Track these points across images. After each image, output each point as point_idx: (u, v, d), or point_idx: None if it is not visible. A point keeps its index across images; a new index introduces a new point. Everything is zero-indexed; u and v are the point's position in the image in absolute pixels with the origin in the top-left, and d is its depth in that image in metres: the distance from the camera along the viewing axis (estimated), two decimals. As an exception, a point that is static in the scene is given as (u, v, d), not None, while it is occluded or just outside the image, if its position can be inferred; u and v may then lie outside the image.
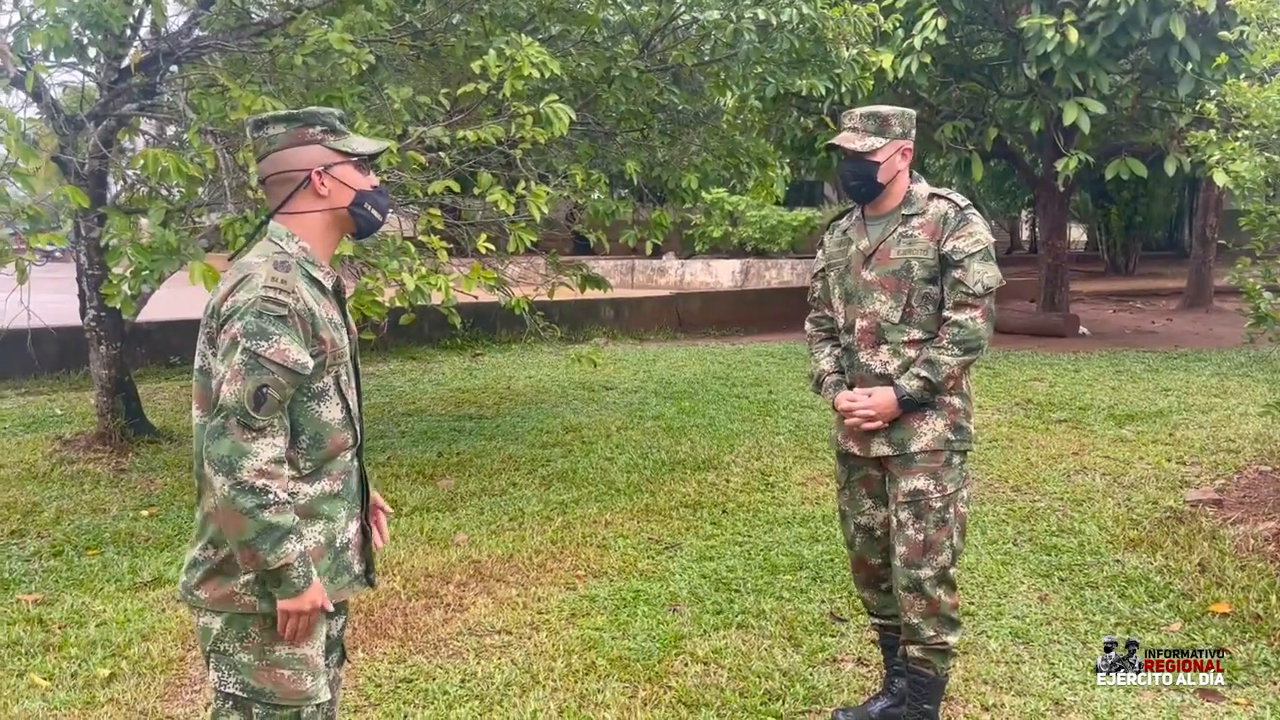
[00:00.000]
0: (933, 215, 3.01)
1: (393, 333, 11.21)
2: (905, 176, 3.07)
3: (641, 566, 4.66)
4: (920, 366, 2.95)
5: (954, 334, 2.92)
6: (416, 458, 6.54)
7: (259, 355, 1.99)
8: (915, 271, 2.99)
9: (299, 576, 2.04)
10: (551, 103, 4.80)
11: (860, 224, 3.14)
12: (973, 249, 2.93)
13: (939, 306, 3.00)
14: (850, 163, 3.04)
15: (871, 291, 3.05)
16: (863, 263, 3.08)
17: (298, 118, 2.20)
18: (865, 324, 3.07)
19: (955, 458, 3.03)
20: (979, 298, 2.92)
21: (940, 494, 3.00)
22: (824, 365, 3.25)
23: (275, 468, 2.01)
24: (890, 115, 3.02)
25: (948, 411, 3.02)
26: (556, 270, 7.08)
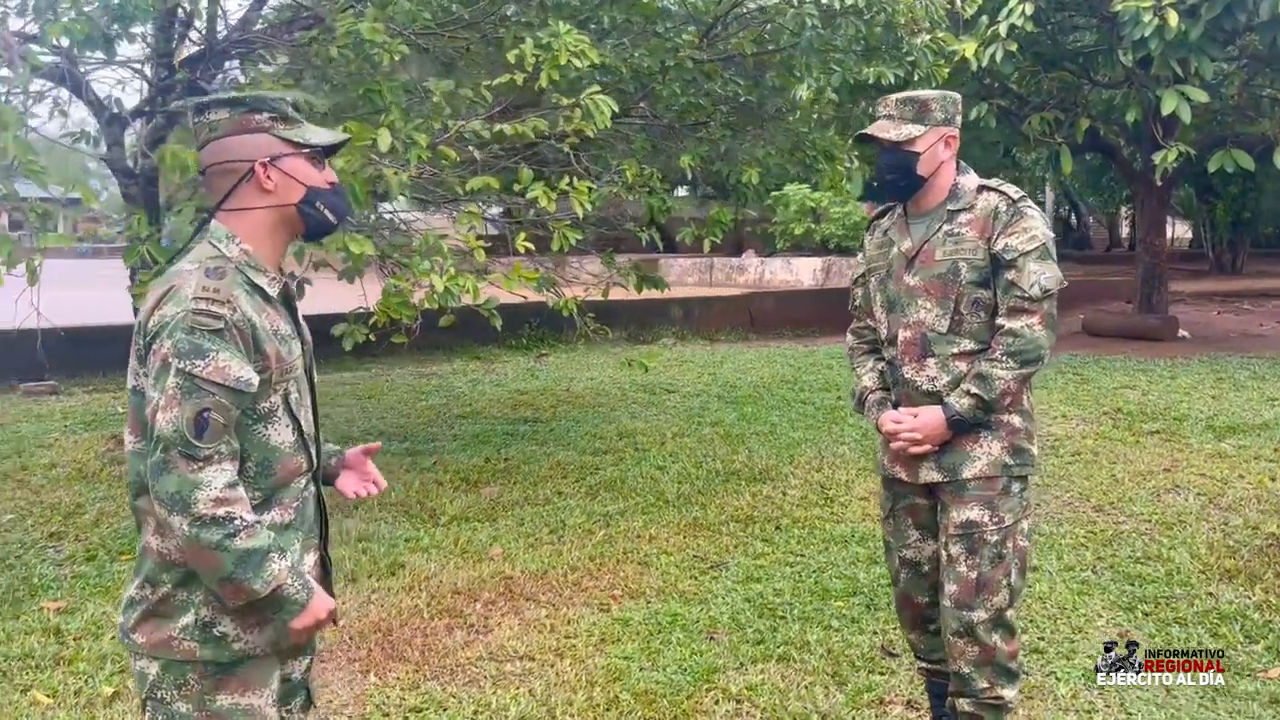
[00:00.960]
0: (982, 210, 2.66)
1: (457, 333, 11.11)
2: (950, 168, 2.72)
3: (682, 587, 4.37)
4: (971, 382, 2.60)
5: (1008, 344, 2.57)
6: (463, 463, 6.35)
7: (194, 376, 1.75)
8: (963, 274, 2.64)
9: (297, 592, 1.85)
10: (593, 94, 4.53)
11: (902, 222, 2.80)
12: (1028, 246, 2.58)
13: (992, 313, 2.64)
14: (886, 154, 2.70)
15: (915, 298, 2.71)
16: (905, 266, 2.74)
17: (242, 101, 1.96)
18: (909, 335, 2.73)
19: (1014, 484, 2.68)
20: (1036, 302, 2.57)
21: (996, 526, 2.65)
22: (866, 381, 2.92)
23: (232, 492, 1.78)
24: (930, 100, 2.68)
25: (1005, 432, 2.67)
26: (612, 270, 6.80)
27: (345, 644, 3.78)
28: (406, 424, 7.66)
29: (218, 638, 1.87)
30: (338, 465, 2.24)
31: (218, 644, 1.87)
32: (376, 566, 4.55)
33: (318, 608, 1.88)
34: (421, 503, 5.52)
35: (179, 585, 1.86)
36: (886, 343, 2.83)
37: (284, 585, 1.82)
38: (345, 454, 2.26)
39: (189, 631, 1.86)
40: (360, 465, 2.24)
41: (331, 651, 3.73)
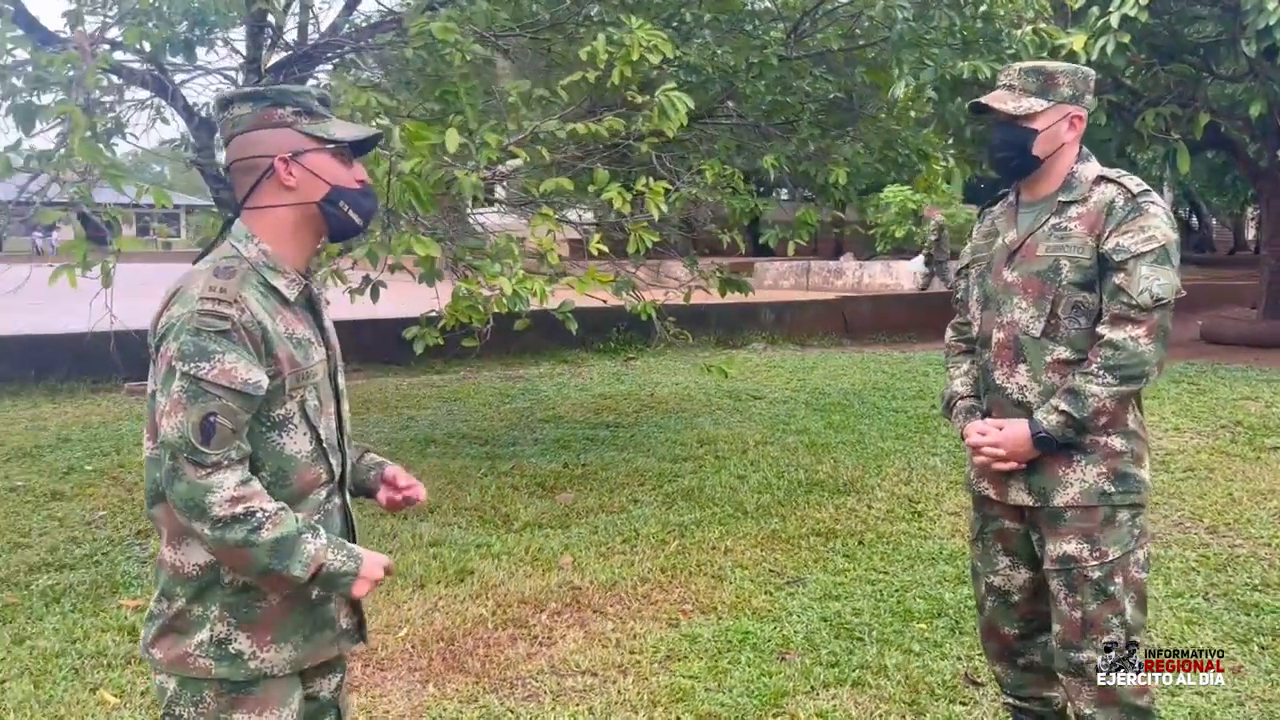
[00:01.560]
0: (1096, 203, 2.39)
1: (544, 336, 11.11)
2: (1071, 152, 2.45)
3: (756, 603, 4.19)
4: (1062, 398, 2.35)
5: (1107, 357, 2.31)
6: (540, 468, 6.28)
7: (200, 380, 1.68)
8: (1064, 273, 2.38)
9: (343, 563, 1.79)
10: (667, 91, 4.39)
11: (1011, 211, 2.56)
12: (1142, 247, 2.31)
13: (1094, 320, 2.38)
14: (1001, 129, 2.47)
15: (1012, 296, 2.46)
16: (1006, 259, 2.49)
17: (265, 95, 1.88)
18: (1002, 336, 2.49)
19: (1121, 514, 2.40)
20: (1145, 311, 2.29)
21: (1098, 560, 2.38)
22: (956, 385, 2.68)
23: (247, 488, 1.71)
24: (1058, 72, 2.42)
25: (1103, 456, 2.40)
26: (694, 273, 6.66)
27: (407, 652, 3.72)
28: (489, 427, 7.64)
29: (233, 655, 1.80)
30: (376, 480, 2.15)
31: (233, 662, 1.80)
32: (445, 573, 4.50)
33: (371, 571, 1.83)
34: (496, 507, 5.46)
35: (193, 600, 1.80)
36: (980, 343, 2.60)
37: (327, 563, 1.75)
38: (386, 470, 2.15)
39: (204, 648, 1.79)
40: (394, 480, 2.14)
41: (393, 659, 3.67)
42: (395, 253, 3.83)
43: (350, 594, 1.83)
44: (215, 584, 1.79)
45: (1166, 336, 2.34)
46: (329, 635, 1.94)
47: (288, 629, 1.84)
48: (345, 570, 1.79)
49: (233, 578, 1.79)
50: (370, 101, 4.38)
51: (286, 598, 1.84)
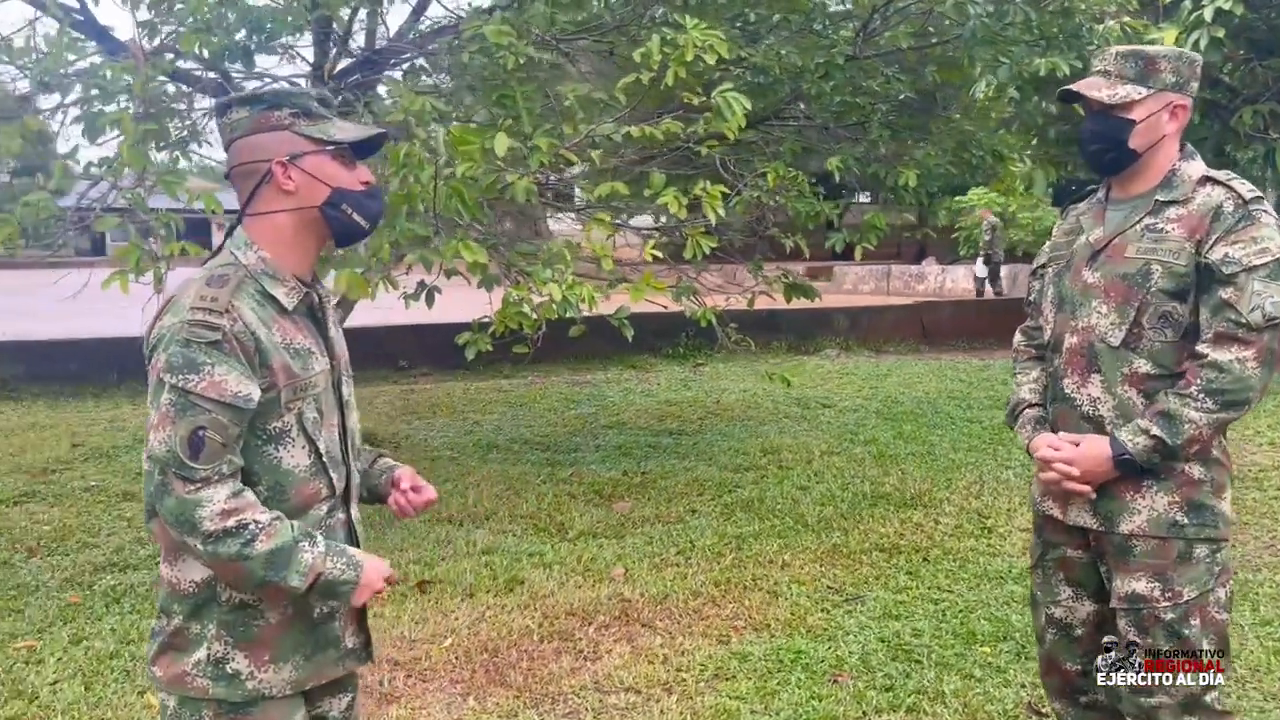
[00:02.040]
0: (1200, 206, 2.17)
1: (613, 341, 11.04)
2: (1173, 146, 2.24)
3: (811, 621, 4.04)
4: (1154, 420, 2.13)
5: (1210, 380, 2.08)
6: (600, 476, 6.20)
7: (188, 392, 1.63)
8: (1155, 279, 2.16)
9: (343, 570, 1.73)
10: (724, 92, 4.28)
11: (1099, 208, 2.35)
12: (1255, 260, 2.07)
13: (1182, 334, 2.16)
14: (1094, 119, 2.26)
15: (1091, 298, 2.25)
16: (1088, 259, 2.29)
17: (262, 99, 1.82)
18: (1076, 342, 2.28)
19: (1198, 549, 2.18)
20: (1255, 331, 2.06)
21: (1171, 601, 2.18)
22: (1024, 393, 2.48)
23: (238, 500, 1.66)
24: (1160, 56, 2.21)
25: (1177, 483, 2.18)
26: (758, 278, 6.53)
27: (450, 663, 3.67)
28: (551, 433, 7.60)
29: (230, 675, 1.75)
30: (387, 484, 2.08)
31: (230, 682, 1.75)
32: (495, 581, 4.44)
33: (372, 578, 1.77)
34: (551, 515, 5.39)
35: (190, 617, 1.75)
36: (1050, 348, 2.39)
37: (326, 571, 1.70)
38: (396, 472, 2.08)
39: (201, 668, 1.74)
40: (399, 482, 2.06)
41: (435, 670, 3.62)
42: (445, 258, 3.79)
43: (351, 602, 1.77)
44: (212, 601, 1.74)
45: (1275, 360, 2.11)
46: (332, 655, 1.88)
47: (287, 648, 1.78)
48: (345, 579, 1.73)
49: (229, 595, 1.73)
50: (424, 106, 4.35)
51: (285, 616, 1.78)
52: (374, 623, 3.97)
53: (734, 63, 6.44)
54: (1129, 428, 2.17)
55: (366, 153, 1.96)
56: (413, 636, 3.90)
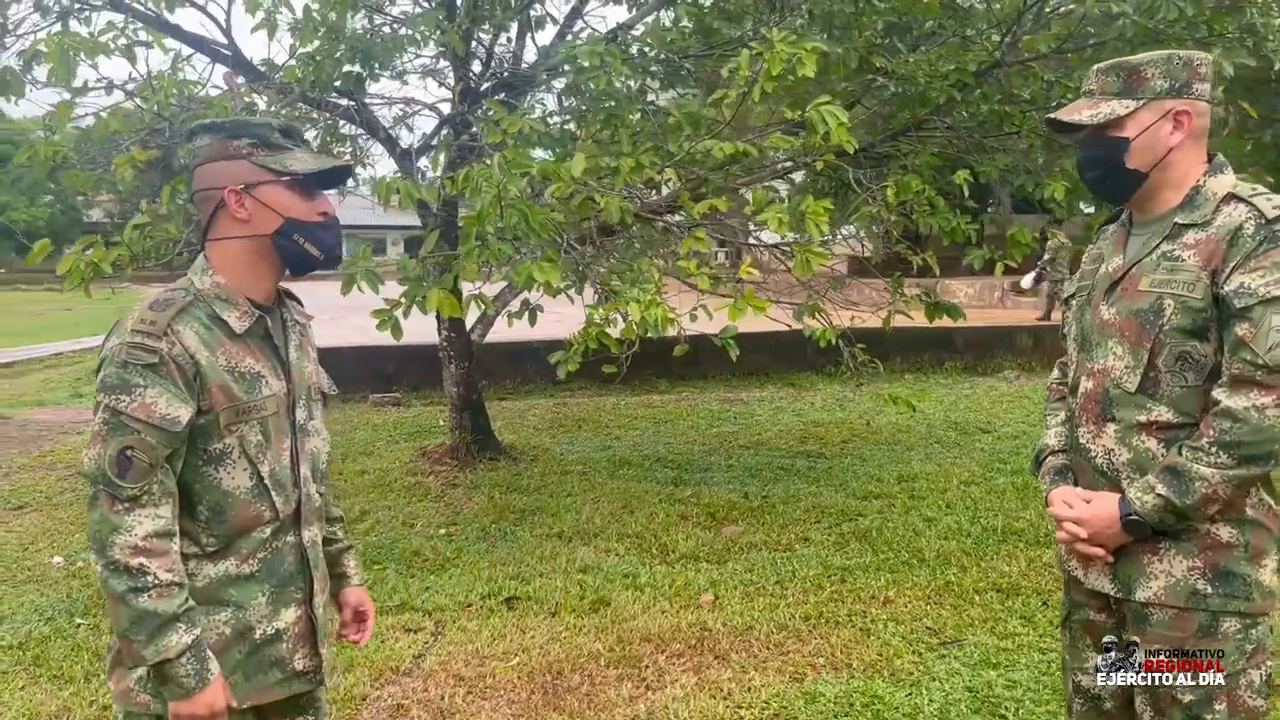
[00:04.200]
0: (1220, 228, 1.86)
1: (776, 358, 10.89)
2: (1189, 158, 1.93)
3: (899, 664, 3.80)
4: (1160, 477, 1.87)
5: (1223, 430, 1.79)
6: (718, 497, 6.08)
7: (120, 412, 1.70)
8: (1168, 316, 1.87)
9: (187, 675, 1.71)
10: (821, 105, 4.10)
11: (1123, 232, 2.07)
12: (1275, 291, 1.77)
13: (1206, 376, 1.87)
14: (1086, 144, 2.01)
15: (1107, 338, 1.98)
16: (1105, 291, 2.02)
17: (223, 127, 1.88)
18: (1091, 386, 2.02)
19: (1227, 623, 1.88)
20: (1275, 373, 1.76)
21: (1193, 681, 1.90)
22: (1049, 439, 2.22)
23: (157, 543, 1.70)
24: (1143, 64, 1.92)
25: (1200, 546, 1.89)
26: (897, 296, 6.24)
27: (512, 683, 3.68)
28: (687, 450, 7.53)
29: None
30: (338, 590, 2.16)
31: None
32: (582, 601, 4.43)
33: (205, 700, 1.72)
34: (658, 536, 5.33)
35: None
36: (1070, 391, 2.13)
37: (173, 663, 1.69)
38: (345, 590, 2.17)
39: (143, 683, 1.79)
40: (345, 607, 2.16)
41: (496, 689, 3.64)
42: (520, 278, 3.83)
43: (170, 708, 1.73)
44: None
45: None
46: (276, 675, 1.90)
47: (224, 668, 1.81)
48: (182, 683, 1.70)
49: None
50: (525, 127, 4.42)
51: (224, 637, 1.82)
52: (456, 635, 4.06)
53: (880, 73, 6.23)
54: (1139, 484, 1.90)
55: (332, 184, 2.00)
56: (486, 652, 3.94)
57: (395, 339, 4.56)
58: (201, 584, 1.80)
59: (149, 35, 4.27)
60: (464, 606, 4.44)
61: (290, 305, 2.01)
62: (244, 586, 1.85)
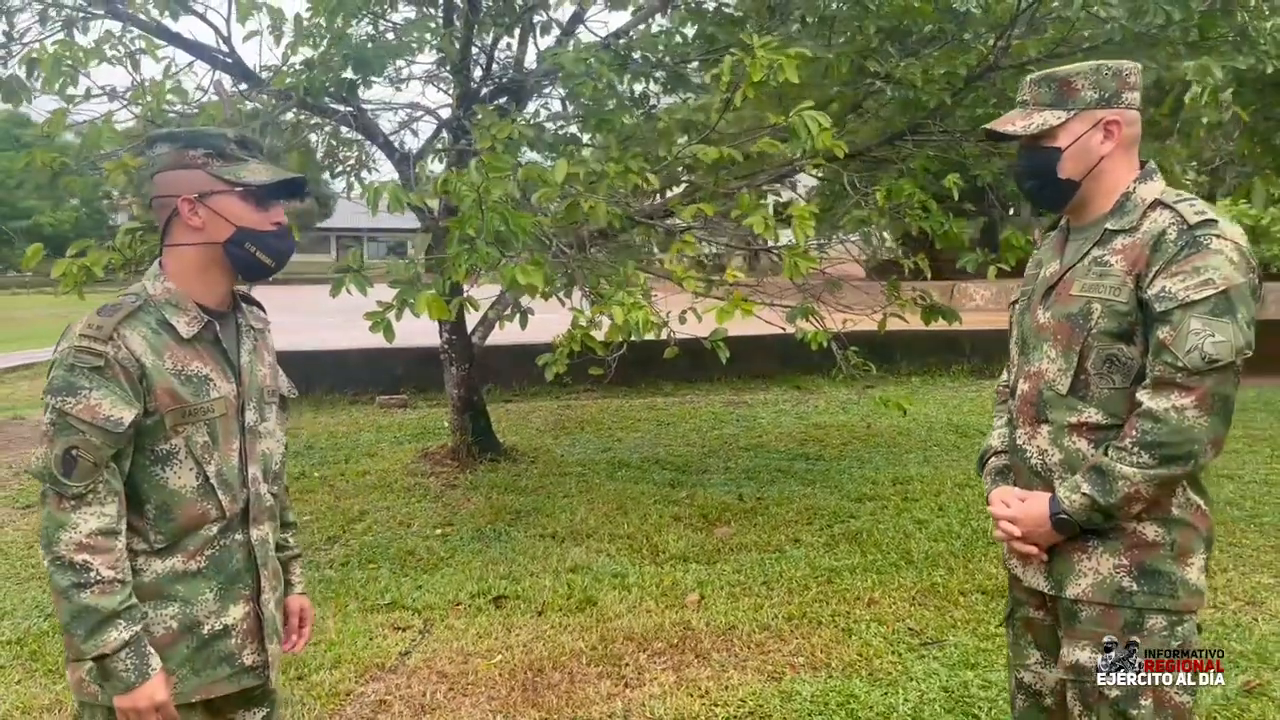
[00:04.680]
0: (1145, 234, 1.91)
1: (782, 361, 10.91)
2: (1120, 166, 1.98)
3: (877, 664, 3.83)
4: (1086, 477, 1.92)
5: (1145, 431, 1.84)
6: (713, 499, 6.13)
7: (66, 414, 1.77)
8: (1095, 320, 1.93)
9: (126, 670, 1.78)
10: (804, 110, 4.15)
11: (1059, 237, 2.14)
12: (1194, 294, 1.82)
13: (1133, 379, 1.92)
14: (1021, 153, 2.07)
15: (1042, 341, 2.05)
16: (1042, 296, 2.08)
17: (180, 137, 1.95)
18: (1027, 389, 2.08)
19: (1153, 620, 1.93)
20: (1195, 375, 1.81)
21: (1115, 679, 1.94)
22: (992, 439, 2.30)
23: (102, 540, 1.77)
24: (1074, 75, 1.97)
25: (1127, 545, 1.94)
26: (893, 300, 6.26)
27: (494, 680, 3.74)
28: (687, 453, 7.58)
29: None
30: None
31: None
32: (569, 600, 4.49)
33: (145, 695, 1.79)
34: (649, 537, 5.38)
35: None
36: (1010, 392, 2.20)
37: (111, 658, 1.76)
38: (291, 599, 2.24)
39: (93, 675, 1.85)
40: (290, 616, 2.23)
41: (477, 685, 3.70)
42: (504, 281, 3.89)
43: (114, 703, 1.79)
44: None
45: (1226, 407, 1.83)
46: (225, 670, 1.96)
47: (172, 661, 1.87)
48: (120, 678, 1.77)
49: None
50: (513, 133, 4.49)
51: (171, 632, 1.88)
52: (443, 633, 4.13)
53: (877, 77, 6.26)
54: (1067, 484, 1.96)
55: (289, 195, 2.06)
56: (471, 650, 4.01)
57: (388, 341, 4.62)
58: (149, 579, 1.87)
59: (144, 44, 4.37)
60: (453, 605, 4.50)
61: (247, 310, 2.08)
62: (191, 583, 1.91)
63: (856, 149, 6.50)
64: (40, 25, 4.79)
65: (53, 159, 4.25)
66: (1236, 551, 5.02)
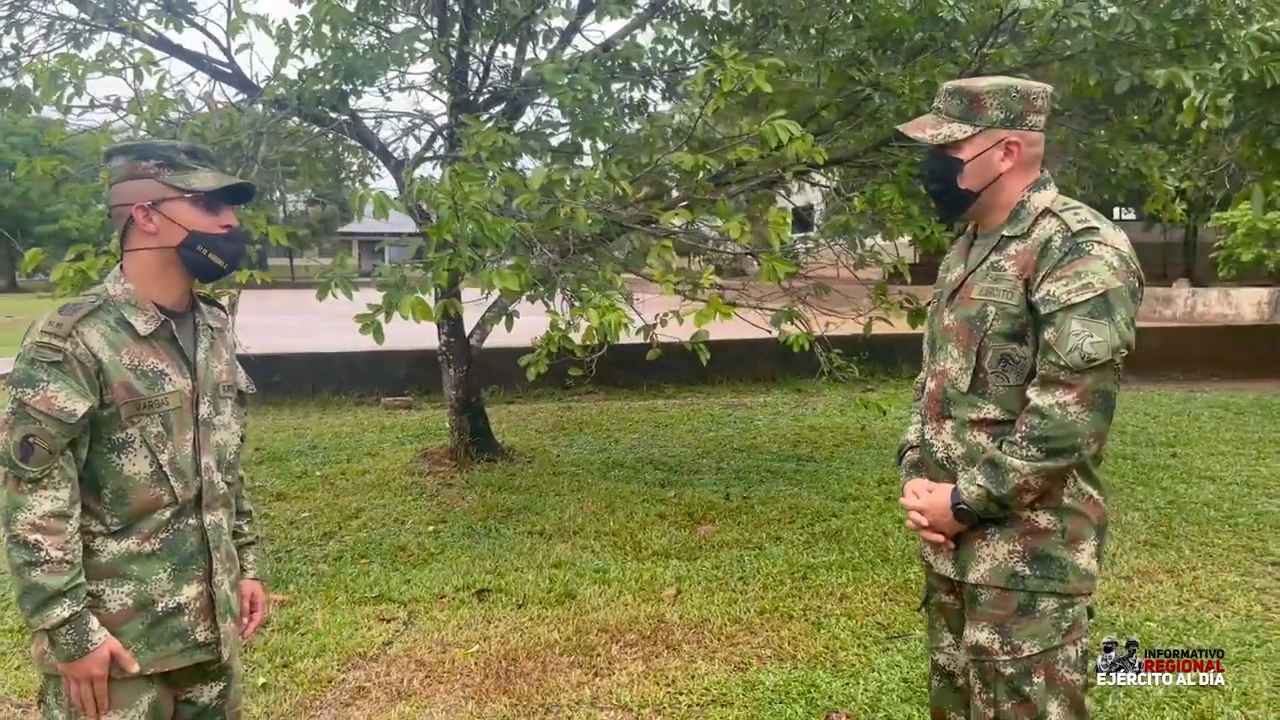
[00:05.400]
0: (1034, 241, 2.04)
1: (782, 364, 11.00)
2: (1016, 181, 2.11)
3: (842, 656, 3.95)
4: (982, 469, 2.05)
5: (1032, 426, 1.97)
6: (699, 498, 6.25)
7: (24, 404, 1.93)
8: (991, 321, 2.06)
9: (68, 643, 1.93)
10: (775, 119, 4.27)
11: (966, 242, 2.27)
12: (1075, 297, 1.94)
13: (1026, 377, 2.05)
14: (929, 157, 2.20)
15: (947, 341, 2.18)
16: (947, 299, 2.22)
17: (133, 149, 2.11)
18: (933, 386, 2.23)
19: (1044, 602, 2.06)
20: (1076, 373, 1.93)
21: (1010, 655, 2.07)
22: (909, 434, 2.43)
23: (53, 522, 1.92)
24: (985, 93, 2.08)
25: (1020, 532, 2.07)
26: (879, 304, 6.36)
27: (469, 669, 3.88)
28: (681, 454, 7.71)
29: None
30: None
31: None
32: (549, 594, 4.62)
33: (85, 667, 1.95)
34: (633, 534, 5.52)
35: None
36: (920, 390, 2.35)
37: (54, 632, 1.91)
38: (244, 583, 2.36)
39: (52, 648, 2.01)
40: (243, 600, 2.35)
41: (453, 673, 3.84)
42: (482, 284, 4.04)
43: (65, 670, 1.96)
44: None
45: (1107, 403, 1.96)
46: (178, 646, 2.09)
47: (126, 636, 2.02)
48: (63, 649, 1.93)
49: None
50: (499, 141, 4.64)
51: (126, 608, 2.03)
52: (426, 624, 4.27)
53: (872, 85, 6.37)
54: (965, 476, 2.09)
55: (239, 200, 2.22)
56: (450, 640, 4.15)
57: (378, 342, 4.76)
58: (105, 559, 2.02)
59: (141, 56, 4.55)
60: (438, 598, 4.65)
61: (206, 310, 2.23)
62: (145, 563, 2.05)
63: (845, 155, 6.62)
64: (45, 39, 5.01)
65: (53, 167, 4.45)
66: (1207, 551, 5.10)
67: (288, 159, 6.60)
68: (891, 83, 6.04)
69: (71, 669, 1.95)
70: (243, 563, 2.36)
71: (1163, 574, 4.78)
